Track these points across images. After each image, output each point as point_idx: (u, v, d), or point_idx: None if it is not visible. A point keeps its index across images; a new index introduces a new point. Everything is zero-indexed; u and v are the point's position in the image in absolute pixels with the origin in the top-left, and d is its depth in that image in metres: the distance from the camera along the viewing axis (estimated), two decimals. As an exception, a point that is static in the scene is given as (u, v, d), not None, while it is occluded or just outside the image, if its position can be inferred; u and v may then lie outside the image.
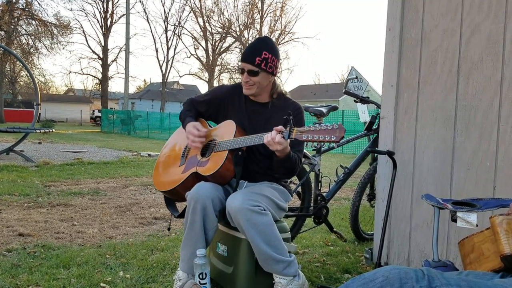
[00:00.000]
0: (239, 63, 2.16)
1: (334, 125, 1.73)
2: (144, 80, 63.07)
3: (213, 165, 2.08)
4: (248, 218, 1.90)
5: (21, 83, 36.95)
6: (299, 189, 3.08)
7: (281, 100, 2.22)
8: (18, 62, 30.05)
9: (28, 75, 17.29)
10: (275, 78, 2.22)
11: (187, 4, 46.73)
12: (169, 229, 2.72)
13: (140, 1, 64.15)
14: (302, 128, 1.80)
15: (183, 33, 48.91)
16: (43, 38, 31.80)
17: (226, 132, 2.16)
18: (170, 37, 40.00)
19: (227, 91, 2.30)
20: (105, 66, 37.75)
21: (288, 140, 1.87)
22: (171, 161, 2.33)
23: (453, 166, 2.26)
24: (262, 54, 2.09)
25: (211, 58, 40.52)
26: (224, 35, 40.77)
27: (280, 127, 1.87)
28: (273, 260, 1.98)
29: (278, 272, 2.01)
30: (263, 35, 2.37)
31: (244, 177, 2.18)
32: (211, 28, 40.80)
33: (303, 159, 3.05)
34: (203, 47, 40.79)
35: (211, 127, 2.33)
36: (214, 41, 41.07)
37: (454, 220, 1.51)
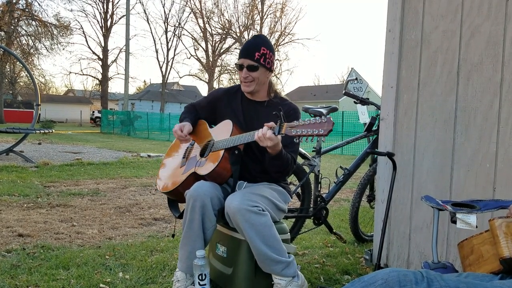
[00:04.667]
0: (237, 61, 2.18)
1: (322, 118, 1.75)
2: (144, 81, 63.20)
3: (210, 164, 2.09)
4: (246, 219, 1.90)
5: (21, 83, 36.94)
6: (299, 190, 3.08)
7: (277, 99, 2.25)
8: (18, 62, 30.05)
9: (28, 75, 17.30)
10: (272, 76, 2.26)
11: (187, 5, 46.79)
12: (173, 236, 2.63)
13: (140, 2, 64.35)
14: (292, 123, 1.82)
15: (183, 34, 48.89)
16: (43, 38, 31.80)
17: (223, 131, 2.19)
18: (170, 38, 40.05)
19: (222, 93, 2.34)
20: (105, 67, 37.73)
21: (279, 136, 1.88)
22: (173, 163, 2.37)
23: (453, 168, 2.26)
24: (261, 50, 2.13)
25: (211, 59, 40.52)
26: (224, 36, 40.80)
27: (271, 123, 1.90)
28: (271, 261, 1.97)
29: (277, 272, 2.00)
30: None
31: (244, 177, 2.19)
32: (211, 29, 40.86)
33: (303, 160, 3.06)
34: (203, 48, 40.82)
35: (212, 127, 2.36)
36: (214, 42, 41.11)
37: (454, 222, 1.51)
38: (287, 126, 1.82)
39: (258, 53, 2.12)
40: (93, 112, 42.56)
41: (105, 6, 37.15)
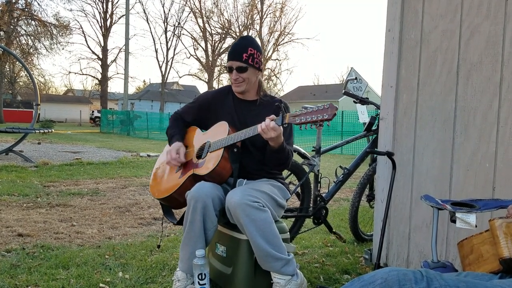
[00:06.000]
0: (226, 63, 2.20)
1: (325, 105, 1.80)
2: (144, 81, 63.09)
3: (209, 164, 2.09)
4: (247, 214, 1.91)
5: (20, 83, 36.91)
6: (299, 189, 3.08)
7: (267, 97, 2.30)
8: (17, 62, 30.04)
9: (28, 75, 17.28)
10: (261, 76, 2.29)
11: (186, 5, 46.73)
12: (159, 246, 2.69)
13: (140, 2, 64.00)
14: (294, 112, 1.87)
15: (183, 34, 48.95)
16: (43, 38, 31.81)
17: (219, 132, 2.20)
18: (169, 38, 40.01)
19: (213, 96, 2.36)
20: (104, 66, 37.71)
21: (281, 128, 1.93)
22: (167, 169, 2.34)
23: (452, 167, 2.26)
24: (248, 51, 2.16)
25: (210, 59, 40.52)
26: (223, 35, 40.79)
27: (273, 116, 1.94)
28: (271, 258, 1.98)
29: (276, 270, 2.00)
30: (262, 36, 2.42)
31: (242, 176, 2.19)
32: (211, 29, 40.87)
33: (302, 160, 3.06)
34: (202, 48, 40.82)
35: (203, 131, 2.35)
36: (213, 41, 41.11)
37: (453, 221, 1.51)
38: (290, 116, 1.87)
39: (246, 54, 2.15)
40: (93, 111, 42.48)
41: (104, 6, 37.16)
